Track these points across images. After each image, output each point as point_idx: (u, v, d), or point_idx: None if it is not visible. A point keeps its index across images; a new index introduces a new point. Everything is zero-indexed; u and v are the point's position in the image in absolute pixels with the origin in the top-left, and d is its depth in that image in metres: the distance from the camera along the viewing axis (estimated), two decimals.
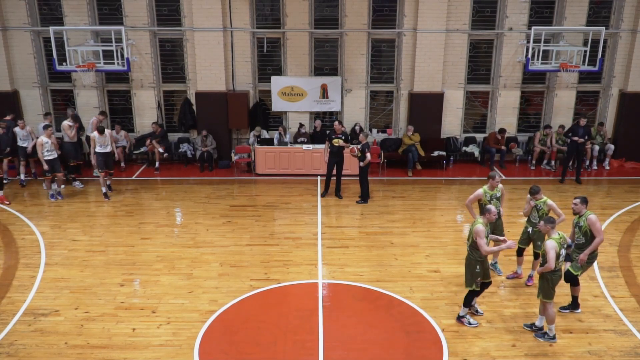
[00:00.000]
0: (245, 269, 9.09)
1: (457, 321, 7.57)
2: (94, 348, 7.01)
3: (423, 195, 12.59)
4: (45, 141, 11.73)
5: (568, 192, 12.73)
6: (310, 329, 7.40)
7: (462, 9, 13.85)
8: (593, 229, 7.39)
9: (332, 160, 12.15)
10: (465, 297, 7.48)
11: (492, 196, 8.46)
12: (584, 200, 7.54)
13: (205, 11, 13.47)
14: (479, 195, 8.50)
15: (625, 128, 14.51)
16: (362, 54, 14.36)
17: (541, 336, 7.20)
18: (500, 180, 8.60)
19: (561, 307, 7.84)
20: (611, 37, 14.26)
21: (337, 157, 12.16)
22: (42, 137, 11.76)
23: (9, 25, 13.91)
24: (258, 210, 11.62)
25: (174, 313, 7.79)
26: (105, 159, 12.06)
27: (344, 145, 12.11)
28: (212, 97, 14.11)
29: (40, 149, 11.70)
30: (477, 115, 15.15)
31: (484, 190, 8.49)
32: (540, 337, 7.21)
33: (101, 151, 11.99)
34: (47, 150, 11.74)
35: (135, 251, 9.72)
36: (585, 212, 7.50)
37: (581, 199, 7.53)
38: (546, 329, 7.20)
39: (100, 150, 11.98)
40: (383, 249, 9.82)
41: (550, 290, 7.01)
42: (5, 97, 14.17)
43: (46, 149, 11.72)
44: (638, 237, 10.31)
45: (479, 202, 8.56)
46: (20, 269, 9.06)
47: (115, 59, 12.93)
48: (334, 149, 12.07)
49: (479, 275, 7.29)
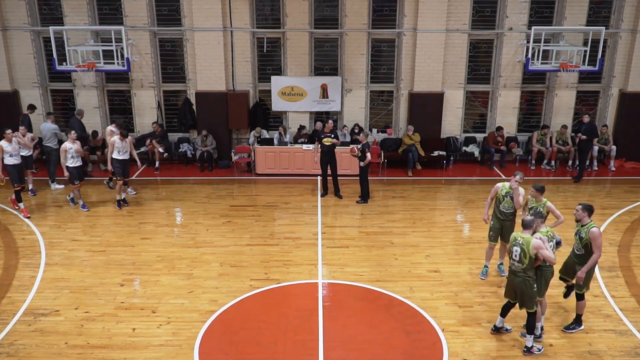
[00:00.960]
0: (245, 269, 9.09)
1: (525, 354, 6.91)
2: (94, 348, 7.01)
3: (423, 195, 12.59)
4: (69, 147, 11.06)
5: (568, 192, 12.74)
6: (310, 329, 7.40)
7: (462, 9, 13.85)
8: (593, 244, 6.92)
9: (324, 159, 12.08)
10: (528, 324, 6.89)
11: (508, 194, 8.32)
12: (586, 207, 7.04)
13: (205, 11, 13.47)
14: (496, 189, 8.44)
15: (625, 128, 14.51)
16: (362, 54, 14.36)
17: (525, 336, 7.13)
18: (520, 180, 8.24)
19: (565, 327, 7.48)
20: (611, 37, 14.26)
21: (328, 157, 12.05)
22: (66, 143, 11.11)
23: (9, 25, 13.91)
24: (258, 210, 11.62)
25: (174, 313, 7.79)
26: (124, 166, 11.45)
27: (334, 144, 12.00)
28: (212, 97, 14.11)
29: (64, 155, 11.09)
30: (477, 115, 15.16)
31: (502, 185, 8.41)
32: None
33: (119, 158, 11.35)
34: (71, 156, 11.11)
35: (135, 251, 9.72)
36: (589, 223, 7.01)
37: (584, 207, 7.05)
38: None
39: (118, 156, 11.35)
40: (383, 249, 9.82)
41: (543, 287, 6.96)
42: (5, 97, 14.17)
43: (70, 155, 11.09)
44: (638, 237, 10.31)
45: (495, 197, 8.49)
46: (20, 269, 9.06)
47: (115, 59, 12.93)
48: (324, 148, 11.98)
49: (537, 294, 6.87)
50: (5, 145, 10.88)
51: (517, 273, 6.80)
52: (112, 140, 11.37)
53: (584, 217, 7.08)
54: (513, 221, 8.47)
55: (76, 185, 11.36)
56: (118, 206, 11.56)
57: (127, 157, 11.53)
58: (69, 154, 11.09)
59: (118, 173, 11.41)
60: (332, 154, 12.06)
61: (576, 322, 7.47)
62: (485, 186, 13.03)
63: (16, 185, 11.07)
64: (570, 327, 7.44)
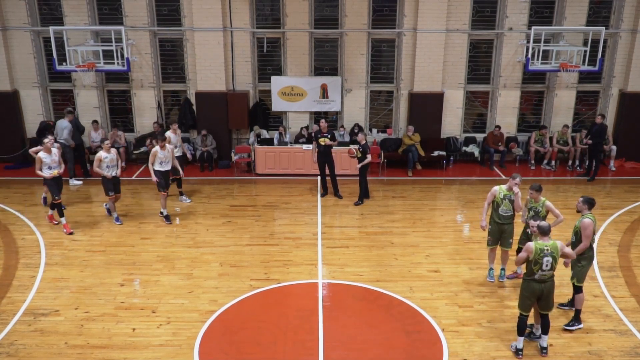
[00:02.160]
0: (245, 269, 9.09)
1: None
2: (94, 348, 7.01)
3: (423, 195, 12.59)
4: (104, 156, 10.29)
5: (568, 192, 12.75)
6: (310, 329, 7.40)
7: (462, 9, 13.85)
8: (582, 233, 7.18)
9: (321, 159, 12.09)
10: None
11: (507, 197, 8.21)
12: (587, 200, 7.30)
13: (205, 11, 13.47)
14: (494, 192, 8.31)
15: (625, 128, 14.51)
16: (362, 54, 14.35)
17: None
18: (520, 182, 8.26)
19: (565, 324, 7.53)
20: (611, 37, 14.26)
21: (324, 157, 12.04)
22: (102, 152, 10.32)
23: (9, 25, 13.91)
24: (258, 210, 11.62)
25: (174, 313, 7.79)
26: (167, 178, 10.72)
27: (330, 144, 11.99)
28: (212, 97, 14.11)
29: (98, 164, 10.31)
30: (477, 115, 15.16)
31: (499, 188, 8.30)
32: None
33: (162, 169, 10.63)
34: (106, 166, 10.37)
35: (135, 251, 9.72)
36: (586, 213, 7.28)
37: (585, 199, 7.31)
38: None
39: (160, 168, 10.62)
40: (383, 249, 9.82)
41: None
42: (5, 97, 14.17)
43: (106, 164, 10.36)
44: (638, 237, 10.31)
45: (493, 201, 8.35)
46: (20, 269, 9.06)
47: (115, 59, 12.92)
48: (321, 149, 11.99)
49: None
50: (44, 156, 10.00)
51: (546, 280, 6.65)
52: (154, 150, 10.66)
53: (584, 209, 7.32)
54: (512, 225, 8.40)
55: (111, 196, 10.65)
56: (167, 220, 10.85)
57: (169, 168, 10.83)
58: (104, 164, 10.34)
59: (161, 185, 10.70)
60: (328, 154, 12.05)
61: (575, 319, 7.50)
62: (485, 186, 13.01)
63: (56, 198, 10.20)
64: (570, 324, 7.48)
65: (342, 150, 12.75)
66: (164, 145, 10.69)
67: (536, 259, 6.52)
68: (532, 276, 6.62)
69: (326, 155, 12.04)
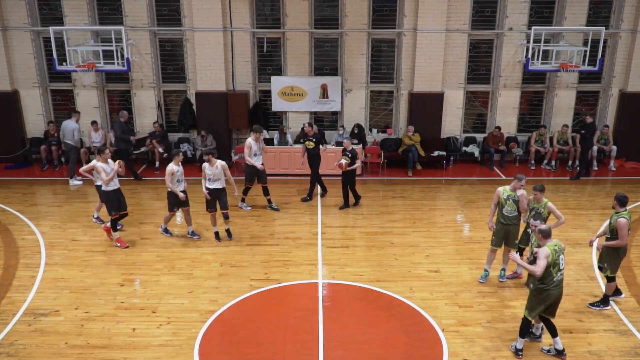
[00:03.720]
0: (245, 269, 9.09)
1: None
2: (94, 348, 7.01)
3: (423, 195, 12.59)
4: (175, 169, 9.61)
5: (568, 192, 12.75)
6: (310, 329, 7.40)
7: (462, 9, 13.86)
8: (619, 232, 7.46)
9: (309, 161, 12.12)
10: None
11: (510, 197, 8.17)
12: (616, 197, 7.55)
13: (205, 11, 13.47)
14: (498, 193, 8.29)
15: (625, 128, 14.51)
16: (362, 54, 14.36)
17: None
18: (524, 184, 8.18)
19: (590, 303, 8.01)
20: (611, 37, 14.26)
21: (310, 159, 12.06)
22: (172, 165, 9.59)
23: (9, 25, 13.91)
24: (258, 210, 11.61)
25: (174, 313, 7.79)
26: (215, 196, 9.89)
27: (314, 147, 11.93)
28: (212, 97, 14.11)
29: (170, 179, 9.60)
30: (477, 115, 15.16)
31: (503, 189, 8.28)
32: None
33: (212, 187, 9.84)
34: (177, 180, 9.69)
35: (135, 251, 9.71)
36: (621, 212, 7.53)
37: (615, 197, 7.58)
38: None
39: (210, 186, 9.86)
40: (383, 249, 9.82)
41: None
42: (5, 97, 14.17)
43: (177, 178, 9.68)
44: (638, 237, 10.31)
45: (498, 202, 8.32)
46: (20, 269, 9.06)
47: (115, 59, 12.94)
48: (309, 152, 12.03)
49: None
50: (104, 166, 9.38)
51: (561, 282, 6.60)
52: (204, 166, 9.87)
53: (615, 205, 7.62)
54: (518, 225, 8.36)
55: (173, 212, 10.05)
56: (217, 238, 10.14)
57: (220, 186, 9.94)
58: (176, 177, 9.64)
59: (209, 204, 9.95)
60: (314, 157, 12.00)
61: (602, 302, 7.93)
62: (485, 186, 13.06)
63: (114, 213, 9.62)
64: (595, 304, 7.93)
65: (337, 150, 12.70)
66: (212, 162, 9.82)
67: (554, 260, 6.46)
68: (552, 282, 6.51)
69: (311, 158, 12.04)
